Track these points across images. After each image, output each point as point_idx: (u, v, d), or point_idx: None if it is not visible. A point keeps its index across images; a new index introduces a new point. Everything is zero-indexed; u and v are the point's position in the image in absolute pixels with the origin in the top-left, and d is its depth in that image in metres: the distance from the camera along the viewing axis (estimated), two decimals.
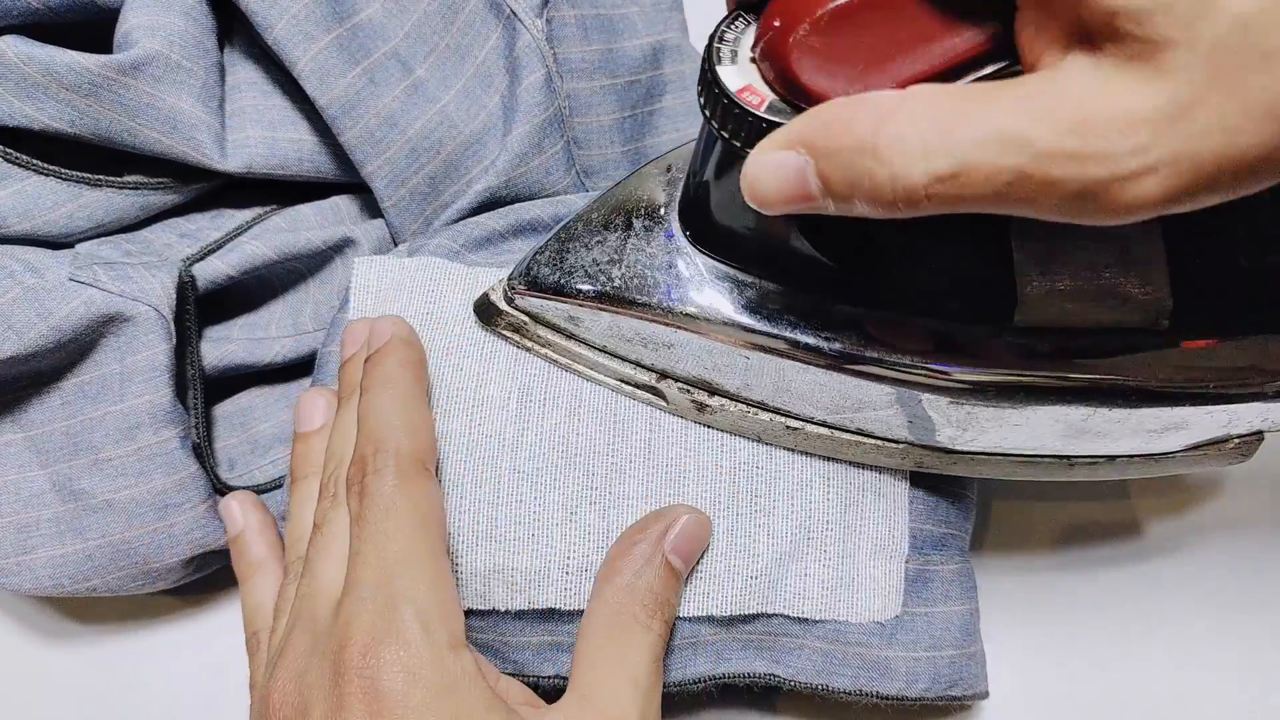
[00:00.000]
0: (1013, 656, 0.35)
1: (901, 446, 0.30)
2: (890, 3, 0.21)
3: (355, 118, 0.35)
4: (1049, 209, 0.19)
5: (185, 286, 0.34)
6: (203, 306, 0.35)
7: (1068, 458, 0.30)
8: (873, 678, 0.30)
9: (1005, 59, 0.21)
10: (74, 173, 0.35)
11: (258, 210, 0.38)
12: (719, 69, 0.23)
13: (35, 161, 0.34)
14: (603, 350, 0.30)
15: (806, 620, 0.30)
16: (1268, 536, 0.37)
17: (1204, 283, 0.26)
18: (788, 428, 0.30)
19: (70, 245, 0.35)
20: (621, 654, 0.27)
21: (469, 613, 0.30)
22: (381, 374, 0.29)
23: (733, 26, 0.23)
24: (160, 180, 0.36)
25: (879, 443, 0.30)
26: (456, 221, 0.36)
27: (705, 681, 0.30)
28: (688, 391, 0.30)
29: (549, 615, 0.30)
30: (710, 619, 0.30)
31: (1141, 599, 0.36)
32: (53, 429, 0.33)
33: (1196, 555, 0.37)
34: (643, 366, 0.30)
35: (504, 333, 0.31)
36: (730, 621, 0.30)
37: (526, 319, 0.31)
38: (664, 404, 0.30)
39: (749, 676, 0.30)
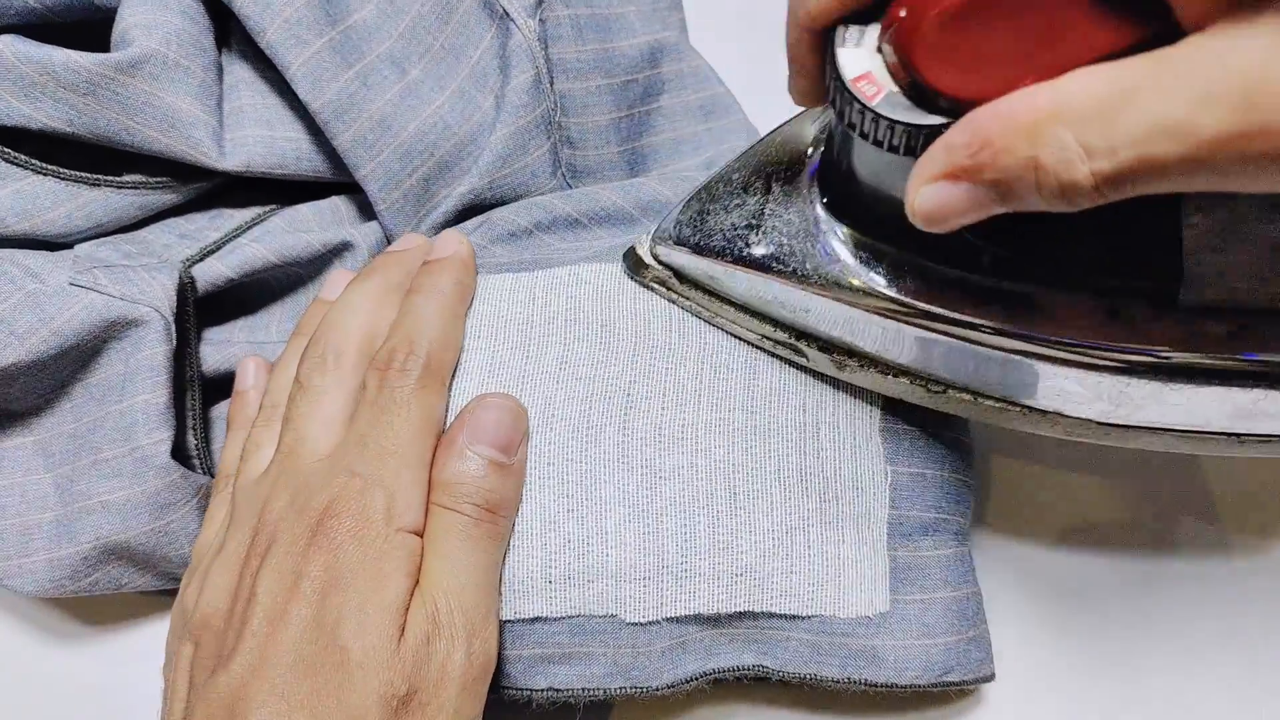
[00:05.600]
0: (1021, 637, 0.34)
1: (1049, 415, 0.29)
2: None
3: (348, 121, 0.35)
4: (1224, 186, 0.19)
5: (185, 288, 0.34)
6: (200, 308, 0.35)
7: (1237, 435, 0.28)
8: (860, 666, 0.30)
9: (1157, 40, 0.19)
10: (73, 172, 0.35)
11: (257, 210, 0.38)
12: (839, 50, 0.22)
13: (34, 161, 0.34)
14: (744, 308, 0.31)
15: (794, 616, 0.30)
16: None
17: None
18: (929, 391, 0.30)
19: (69, 246, 0.35)
20: (457, 547, 0.28)
21: None
22: (434, 283, 0.32)
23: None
24: (159, 180, 0.36)
25: (1025, 410, 0.29)
26: (445, 227, 0.36)
27: (696, 679, 0.30)
28: (827, 351, 0.30)
29: (536, 624, 0.30)
30: (698, 618, 0.30)
31: (1152, 578, 0.36)
32: (60, 432, 0.33)
33: (1209, 535, 0.36)
34: (782, 326, 0.31)
35: (651, 285, 0.32)
36: (717, 620, 0.30)
37: (670, 274, 0.32)
38: (804, 361, 0.31)
39: (738, 669, 0.30)
